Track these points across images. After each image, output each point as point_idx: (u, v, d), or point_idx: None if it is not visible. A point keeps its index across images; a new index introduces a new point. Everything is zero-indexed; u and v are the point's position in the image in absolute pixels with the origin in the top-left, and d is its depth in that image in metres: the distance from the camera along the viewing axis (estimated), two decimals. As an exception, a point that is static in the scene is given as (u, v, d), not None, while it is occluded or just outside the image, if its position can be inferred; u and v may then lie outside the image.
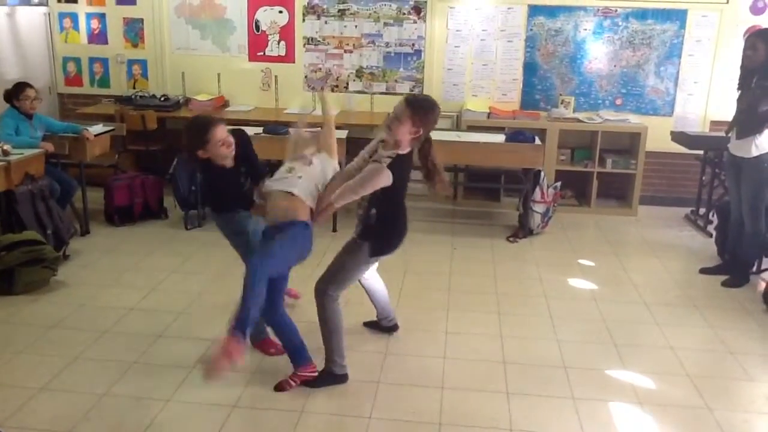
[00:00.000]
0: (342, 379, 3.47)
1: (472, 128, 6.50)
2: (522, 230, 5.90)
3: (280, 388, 3.39)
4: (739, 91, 4.84)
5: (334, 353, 3.45)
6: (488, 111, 6.72)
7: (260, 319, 3.40)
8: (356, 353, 3.79)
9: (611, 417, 3.26)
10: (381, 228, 3.38)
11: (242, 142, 3.54)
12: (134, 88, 7.23)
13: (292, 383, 3.40)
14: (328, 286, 3.42)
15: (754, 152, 4.68)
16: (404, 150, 3.30)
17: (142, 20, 7.13)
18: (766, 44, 4.57)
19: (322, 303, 3.43)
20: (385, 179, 3.19)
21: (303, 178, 3.42)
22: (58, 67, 7.34)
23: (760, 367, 3.81)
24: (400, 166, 3.25)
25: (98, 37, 7.24)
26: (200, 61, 7.13)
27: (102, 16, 7.17)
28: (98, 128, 5.80)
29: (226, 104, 7.08)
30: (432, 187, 3.47)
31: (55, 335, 3.91)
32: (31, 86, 5.35)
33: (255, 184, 3.58)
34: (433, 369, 3.64)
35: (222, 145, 3.34)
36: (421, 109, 3.24)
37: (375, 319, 4.06)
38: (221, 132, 3.33)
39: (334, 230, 5.88)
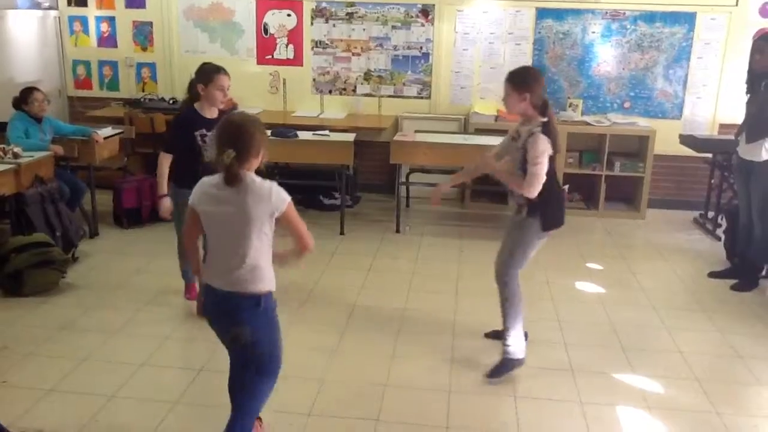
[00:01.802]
0: (520, 363, 3.61)
1: (480, 131, 6.50)
2: (530, 233, 5.88)
3: None
4: (748, 95, 4.83)
5: (514, 337, 3.60)
6: (496, 114, 6.71)
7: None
8: (361, 356, 3.80)
9: (619, 421, 3.25)
10: (546, 202, 3.49)
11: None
12: (143, 91, 7.27)
13: None
14: (508, 267, 3.64)
15: (764, 156, 4.66)
16: (538, 117, 3.44)
17: (151, 23, 7.17)
18: (775, 48, 4.56)
19: (506, 283, 3.64)
20: (547, 145, 3.37)
21: None
22: (68, 70, 7.38)
23: (770, 371, 3.80)
24: (549, 132, 3.40)
25: (108, 41, 7.28)
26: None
27: (111, 20, 7.21)
28: (107, 131, 5.83)
29: (234, 107, 7.09)
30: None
31: (64, 337, 3.93)
32: (38, 90, 5.39)
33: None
34: (439, 372, 3.64)
35: (219, 90, 3.90)
36: (515, 76, 3.52)
37: (499, 329, 3.95)
38: (225, 80, 3.92)
39: (342, 233, 5.89)
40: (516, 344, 3.61)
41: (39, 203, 4.83)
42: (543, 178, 3.41)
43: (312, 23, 6.99)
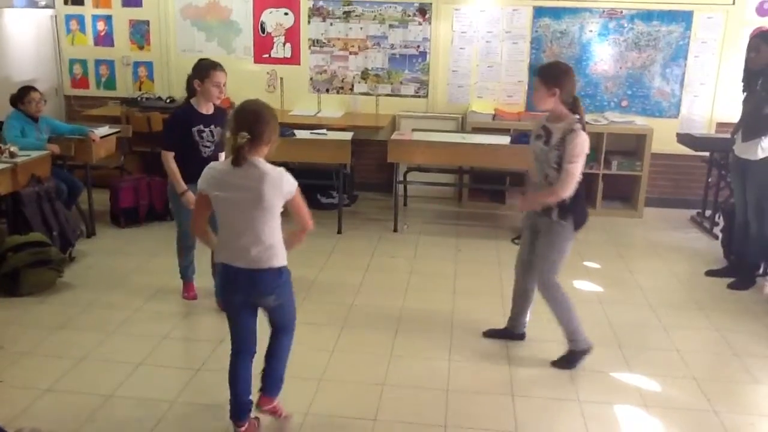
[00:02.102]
0: (588, 351, 3.69)
1: (477, 130, 6.50)
2: (527, 232, 5.88)
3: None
4: (745, 93, 4.83)
5: (574, 333, 3.67)
6: (493, 113, 6.72)
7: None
8: (359, 355, 3.80)
9: (617, 419, 3.26)
10: (575, 202, 3.51)
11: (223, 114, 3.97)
12: (140, 90, 7.26)
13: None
14: (549, 275, 3.63)
15: (760, 155, 4.66)
16: (568, 114, 3.44)
17: (148, 22, 7.16)
18: (770, 46, 4.56)
19: (550, 291, 3.65)
20: (587, 142, 3.39)
21: None
22: (65, 69, 7.37)
23: (767, 369, 3.80)
24: (584, 127, 3.40)
25: (104, 39, 7.27)
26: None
27: (108, 18, 7.20)
28: (104, 130, 5.82)
29: (231, 106, 7.05)
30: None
31: (61, 336, 3.92)
32: (35, 89, 5.37)
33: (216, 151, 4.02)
34: (438, 371, 3.64)
35: (215, 86, 3.89)
36: (546, 71, 3.52)
37: (500, 327, 4.04)
38: (221, 76, 3.91)
39: (339, 232, 5.88)
40: (578, 337, 3.68)
41: (36, 202, 4.82)
42: (578, 177, 3.41)
43: (309, 22, 6.98)
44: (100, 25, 7.23)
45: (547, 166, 3.49)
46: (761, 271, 5.07)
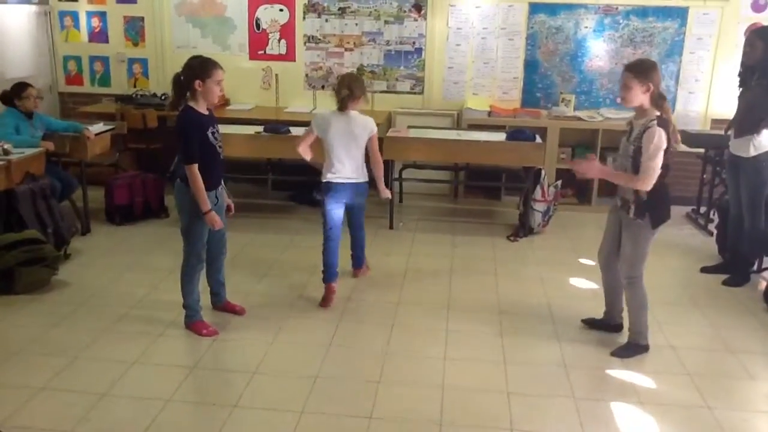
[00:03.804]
0: (645, 348, 3.82)
1: (473, 127, 6.50)
2: (522, 229, 5.90)
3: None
4: (741, 89, 4.84)
5: (642, 326, 3.80)
6: (489, 109, 6.72)
7: (221, 287, 4.19)
8: (355, 352, 3.80)
9: (612, 416, 3.26)
10: (653, 200, 3.57)
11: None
12: (135, 86, 7.24)
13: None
14: (633, 272, 3.72)
15: (752, 152, 4.67)
16: (653, 110, 3.49)
17: (142, 18, 7.14)
18: (765, 42, 4.56)
19: (632, 286, 3.74)
20: (664, 137, 3.41)
21: None
22: (59, 65, 7.34)
23: (761, 366, 3.81)
24: (665, 125, 3.44)
25: (99, 36, 7.24)
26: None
27: (103, 15, 7.17)
28: (99, 127, 5.81)
29: (226, 103, 7.07)
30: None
31: (56, 335, 3.91)
32: (32, 86, 5.35)
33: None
34: (433, 368, 3.64)
35: (217, 85, 3.71)
36: (638, 66, 3.51)
37: (597, 317, 4.17)
38: (222, 74, 3.75)
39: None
40: (642, 331, 3.81)
41: (30, 200, 4.80)
42: (658, 172, 3.47)
43: (304, 18, 6.97)
44: (95, 22, 7.20)
45: (625, 160, 3.60)
46: (755, 267, 5.08)
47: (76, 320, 4.10)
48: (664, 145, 3.44)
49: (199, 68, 3.68)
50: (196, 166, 3.64)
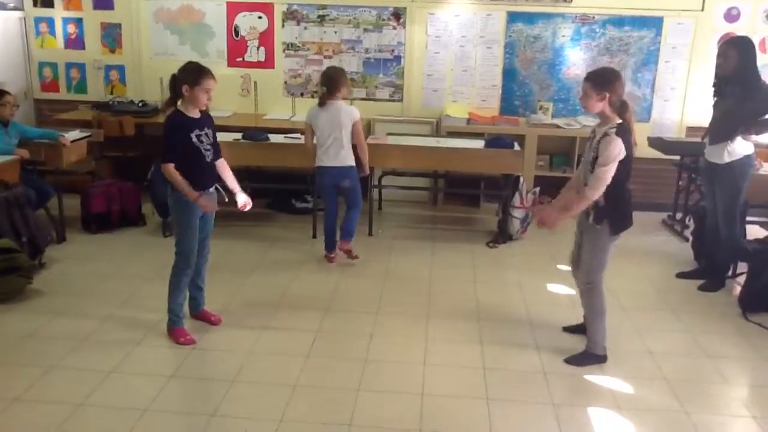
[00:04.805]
0: (602, 359, 3.81)
1: (452, 134, 6.53)
2: (501, 236, 5.93)
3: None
4: (715, 98, 4.91)
5: (597, 335, 3.80)
6: (468, 117, 6.75)
7: (199, 292, 4.14)
8: (334, 360, 3.79)
9: (590, 422, 3.28)
10: (614, 206, 3.60)
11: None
12: (112, 93, 7.18)
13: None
14: (590, 278, 3.76)
15: (726, 159, 4.74)
16: (615, 117, 3.53)
17: (119, 25, 7.08)
18: (737, 52, 4.64)
19: (592, 290, 3.76)
20: (621, 146, 3.44)
21: None
22: (34, 72, 7.26)
23: (736, 370, 3.86)
24: (624, 134, 3.47)
25: (75, 42, 7.17)
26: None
27: (79, 21, 7.11)
28: (75, 134, 5.75)
29: (206, 109, 7.00)
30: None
31: (31, 345, 3.85)
32: (9, 93, 5.29)
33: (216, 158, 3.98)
34: (413, 375, 3.64)
35: (204, 93, 3.76)
36: (595, 75, 3.58)
37: (578, 323, 4.19)
38: (212, 83, 3.79)
39: (314, 236, 5.87)
40: (599, 340, 3.81)
41: (4, 208, 4.73)
42: (607, 182, 3.49)
43: (283, 26, 6.96)
44: (71, 28, 7.13)
45: (586, 167, 3.65)
46: (730, 273, 5.15)
47: (51, 330, 4.04)
48: (621, 155, 3.46)
49: (190, 74, 3.74)
50: (171, 166, 3.71)
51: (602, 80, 3.54)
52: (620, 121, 3.53)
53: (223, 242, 5.56)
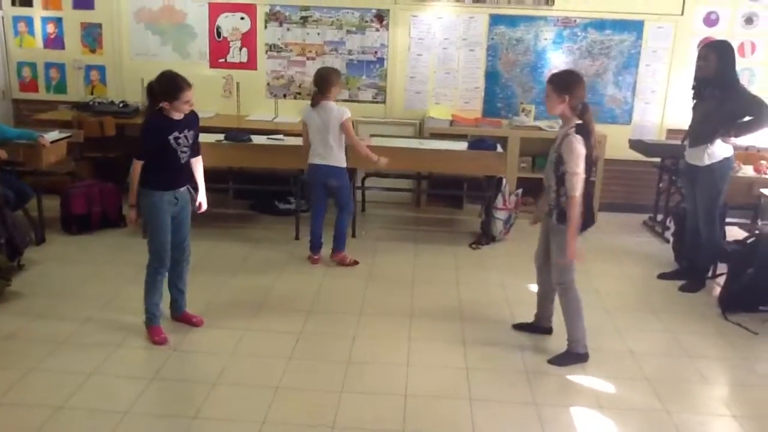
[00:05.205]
0: (584, 357, 3.84)
1: (435, 136, 6.54)
2: (484, 237, 5.94)
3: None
4: (695, 101, 4.96)
5: (577, 333, 3.83)
6: (451, 119, 6.76)
7: (180, 295, 4.11)
8: (317, 361, 3.78)
9: (572, 421, 3.30)
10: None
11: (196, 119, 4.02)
12: (92, 94, 7.11)
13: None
14: (562, 278, 3.79)
15: (707, 161, 4.79)
16: (575, 119, 3.62)
17: (100, 25, 7.02)
18: (717, 55, 4.69)
19: (566, 289, 3.79)
20: (581, 146, 3.53)
21: None
22: (13, 72, 7.17)
23: (716, 370, 3.90)
24: (582, 133, 3.56)
25: (54, 42, 7.10)
26: (160, 67, 6.74)
27: (58, 21, 7.03)
28: (54, 135, 5.68)
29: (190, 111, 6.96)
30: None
31: (9, 347, 3.80)
32: None
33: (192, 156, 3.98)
34: (396, 376, 3.63)
35: (185, 104, 3.78)
36: (556, 78, 3.70)
37: (528, 321, 4.23)
38: (191, 94, 3.81)
39: (297, 238, 5.84)
40: (579, 338, 3.84)
41: (-18, 209, 4.67)
42: (582, 177, 3.57)
43: (266, 27, 6.94)
44: (50, 28, 7.06)
45: (549, 167, 3.75)
46: (710, 273, 5.20)
47: (30, 332, 3.99)
48: (583, 152, 3.55)
49: (169, 91, 3.75)
50: (139, 163, 3.76)
51: (563, 83, 3.63)
52: (579, 122, 3.61)
53: (205, 243, 5.53)
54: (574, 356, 3.85)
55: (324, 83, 4.96)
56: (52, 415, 3.16)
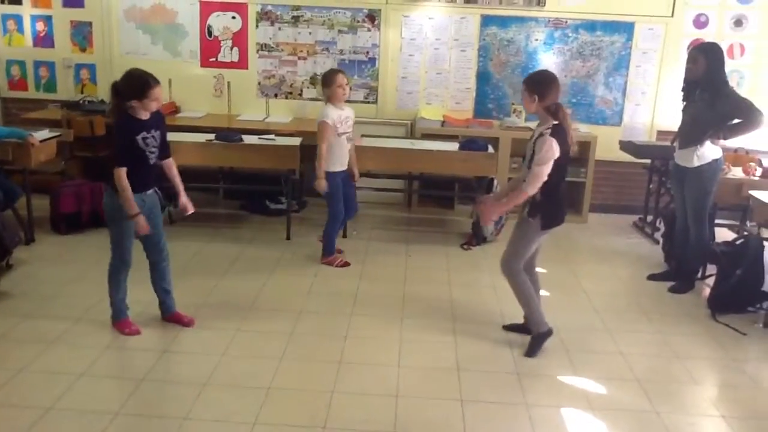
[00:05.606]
0: (549, 333, 3.98)
1: (426, 136, 6.54)
2: (476, 238, 5.95)
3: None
4: (684, 103, 4.99)
5: (535, 316, 3.97)
6: (442, 119, 6.77)
7: (166, 295, 4.09)
8: (308, 362, 3.77)
9: (563, 422, 3.31)
10: (547, 203, 3.75)
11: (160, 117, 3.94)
12: (82, 93, 7.07)
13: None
14: (510, 261, 3.91)
15: (696, 162, 4.82)
16: (549, 119, 3.67)
17: (90, 23, 6.98)
18: (706, 57, 4.72)
19: (511, 276, 3.93)
20: (555, 147, 3.59)
21: None
22: (2, 70, 7.13)
23: (705, 370, 3.93)
24: (558, 134, 3.62)
25: (44, 40, 7.05)
26: (150, 67, 6.74)
27: (48, 19, 6.99)
28: (44, 134, 5.64)
29: (177, 110, 6.96)
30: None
31: (-2, 348, 3.78)
32: None
33: (160, 158, 3.92)
34: (387, 377, 3.64)
35: (154, 101, 3.72)
36: (530, 80, 3.79)
37: (518, 322, 4.25)
38: (159, 91, 3.73)
39: (288, 238, 5.83)
40: (537, 320, 3.97)
41: (-30, 209, 4.64)
42: (543, 179, 3.64)
43: (257, 26, 6.92)
44: (40, 26, 7.01)
45: (525, 164, 3.82)
46: (700, 275, 5.23)
47: (19, 332, 3.97)
48: (555, 155, 3.61)
49: (136, 89, 3.69)
50: (123, 170, 3.68)
51: (534, 83, 3.73)
52: (556, 122, 3.65)
53: (195, 244, 5.51)
54: (540, 338, 3.97)
55: (322, 85, 5.06)
56: (42, 416, 3.14)
